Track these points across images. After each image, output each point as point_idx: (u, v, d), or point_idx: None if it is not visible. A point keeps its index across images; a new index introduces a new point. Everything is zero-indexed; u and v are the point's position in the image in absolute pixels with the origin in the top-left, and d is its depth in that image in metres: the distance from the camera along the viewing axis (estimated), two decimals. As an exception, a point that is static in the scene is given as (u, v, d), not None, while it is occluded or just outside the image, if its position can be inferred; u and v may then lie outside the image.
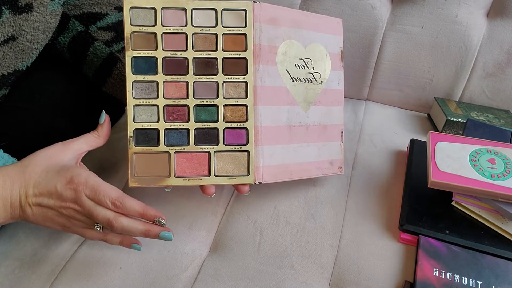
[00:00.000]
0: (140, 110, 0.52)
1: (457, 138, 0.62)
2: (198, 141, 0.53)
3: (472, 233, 0.55)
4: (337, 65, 0.62)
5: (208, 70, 0.53)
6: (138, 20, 0.51)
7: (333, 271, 0.53)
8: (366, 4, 0.81)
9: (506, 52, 0.79)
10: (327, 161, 0.61)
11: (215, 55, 0.53)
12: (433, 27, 0.80)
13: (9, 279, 0.49)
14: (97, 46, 0.66)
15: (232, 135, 0.53)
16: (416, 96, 0.86)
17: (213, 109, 0.53)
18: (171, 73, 0.52)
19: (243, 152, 0.53)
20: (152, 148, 0.52)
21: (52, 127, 0.66)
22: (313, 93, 0.59)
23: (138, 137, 0.52)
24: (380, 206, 0.61)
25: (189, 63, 0.52)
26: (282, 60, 0.56)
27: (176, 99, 0.52)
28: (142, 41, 0.51)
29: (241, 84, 0.53)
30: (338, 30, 0.63)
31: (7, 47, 0.55)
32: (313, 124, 0.59)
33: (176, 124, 0.52)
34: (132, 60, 0.51)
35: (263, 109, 0.54)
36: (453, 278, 0.49)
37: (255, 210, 0.59)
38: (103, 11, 0.68)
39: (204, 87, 0.53)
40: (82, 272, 0.50)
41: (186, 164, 0.52)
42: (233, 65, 0.53)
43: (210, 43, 0.53)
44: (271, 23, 0.55)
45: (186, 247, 0.54)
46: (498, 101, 0.83)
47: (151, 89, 0.52)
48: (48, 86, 0.68)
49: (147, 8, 0.51)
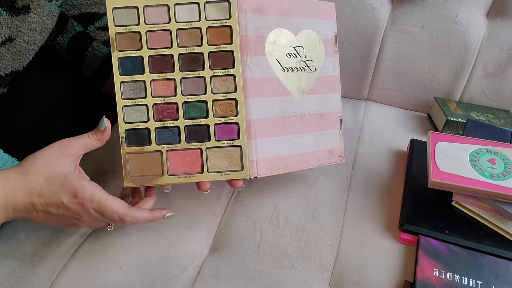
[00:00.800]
0: (130, 111, 0.52)
1: (457, 138, 0.62)
2: (189, 138, 0.52)
3: (472, 233, 0.55)
4: (331, 51, 0.61)
5: (194, 66, 0.52)
6: (122, 20, 0.51)
7: (333, 271, 0.53)
8: (366, 4, 0.81)
9: (506, 52, 0.79)
10: (326, 150, 0.60)
11: (201, 50, 0.52)
12: (433, 27, 0.80)
13: (9, 279, 0.49)
14: (95, 46, 0.66)
15: (223, 130, 0.53)
16: (416, 96, 0.86)
17: (202, 105, 0.52)
18: (158, 71, 0.52)
19: (236, 147, 0.53)
20: (144, 147, 0.52)
21: (52, 127, 0.66)
22: (307, 82, 0.58)
23: (129, 137, 0.52)
24: (380, 206, 0.61)
25: (175, 60, 0.52)
26: (272, 50, 0.55)
27: (165, 97, 0.52)
28: (127, 41, 0.51)
29: (229, 77, 0.52)
30: (331, 14, 0.61)
31: (5, 48, 0.55)
32: (309, 114, 0.58)
33: (166, 122, 0.52)
34: (118, 61, 0.51)
35: (254, 101, 0.53)
36: (453, 278, 0.49)
37: (255, 210, 0.59)
38: (101, 11, 0.68)
39: (191, 83, 0.52)
40: (82, 272, 0.50)
41: (179, 162, 0.52)
42: (220, 59, 0.52)
43: (195, 38, 0.52)
44: (257, 12, 0.54)
45: (186, 247, 0.54)
46: (498, 101, 0.83)
47: (139, 89, 0.52)
48: (47, 86, 0.68)
49: (130, 7, 0.51)
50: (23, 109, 0.64)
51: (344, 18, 0.82)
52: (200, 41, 0.52)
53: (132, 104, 0.51)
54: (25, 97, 0.65)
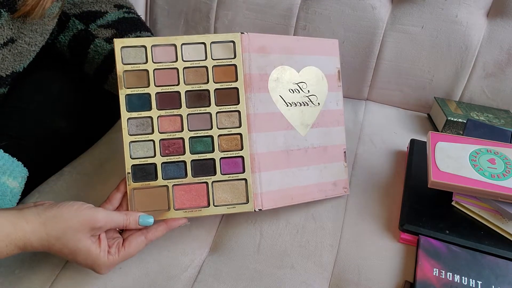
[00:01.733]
0: (137, 146, 0.52)
1: (457, 138, 0.62)
2: (195, 173, 0.53)
3: (472, 233, 0.55)
4: (334, 86, 0.62)
5: (201, 102, 0.54)
6: (130, 58, 0.52)
7: (333, 271, 0.53)
8: (366, 4, 0.81)
9: (506, 52, 0.79)
10: (330, 182, 0.61)
11: (207, 87, 0.54)
12: (433, 27, 0.80)
13: (9, 279, 0.49)
14: (97, 43, 0.66)
15: (229, 164, 0.54)
16: (416, 96, 0.86)
17: (208, 140, 0.54)
18: (165, 108, 0.53)
19: (241, 180, 0.54)
20: (150, 182, 0.52)
21: (52, 127, 0.66)
22: (310, 116, 0.59)
23: (136, 173, 0.52)
24: (380, 206, 0.61)
25: (182, 96, 0.53)
26: (275, 86, 0.57)
27: (171, 132, 0.53)
28: (134, 79, 0.52)
29: (234, 113, 0.54)
30: (334, 51, 0.63)
31: (6, 50, 0.55)
32: (312, 147, 0.59)
33: (172, 157, 0.53)
34: (126, 98, 0.52)
35: (258, 136, 0.55)
36: (453, 278, 0.49)
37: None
38: (102, 9, 0.68)
39: (198, 119, 0.54)
40: (82, 272, 0.50)
41: (185, 196, 0.53)
42: (225, 96, 0.54)
43: (201, 76, 0.54)
44: (261, 51, 0.56)
45: (186, 247, 0.54)
46: (498, 101, 0.83)
47: (146, 125, 0.52)
48: (48, 85, 0.68)
49: (138, 46, 0.52)
50: (24, 109, 0.64)
51: (344, 18, 0.82)
52: (206, 78, 0.54)
53: (139, 140, 0.52)
54: (26, 96, 0.65)
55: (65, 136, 0.67)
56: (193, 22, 0.91)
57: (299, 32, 0.85)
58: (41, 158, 0.63)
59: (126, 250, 0.48)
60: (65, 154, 0.67)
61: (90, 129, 0.72)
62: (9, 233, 0.42)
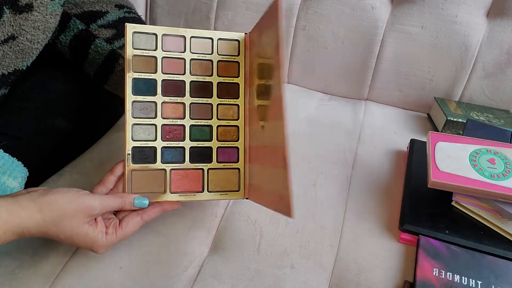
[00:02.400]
0: (139, 129, 0.53)
1: (457, 138, 0.62)
2: (193, 159, 0.55)
3: (472, 233, 0.55)
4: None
5: (203, 93, 0.56)
6: (140, 44, 0.54)
7: (333, 271, 0.53)
8: (366, 4, 0.81)
9: (506, 52, 0.79)
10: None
11: (211, 79, 0.56)
12: (433, 27, 0.80)
13: (9, 279, 0.49)
14: (98, 43, 0.66)
15: (224, 154, 0.56)
16: (416, 96, 0.86)
17: (207, 129, 0.56)
18: (169, 95, 0.55)
19: (235, 169, 0.56)
20: (149, 165, 0.53)
21: (52, 126, 0.66)
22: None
23: (135, 154, 0.53)
24: (380, 206, 0.61)
25: (186, 86, 0.55)
26: None
27: (173, 119, 0.54)
28: (142, 64, 0.54)
29: (234, 106, 0.56)
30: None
31: (7, 47, 0.55)
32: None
33: (172, 142, 0.54)
34: (132, 81, 0.53)
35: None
36: (453, 278, 0.49)
37: (255, 210, 0.59)
38: (103, 9, 0.68)
39: (199, 108, 0.55)
40: (82, 272, 0.50)
41: (181, 180, 0.54)
42: (227, 89, 0.56)
43: (206, 68, 0.56)
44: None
45: (186, 247, 0.54)
46: (498, 101, 0.83)
47: (149, 109, 0.54)
48: (48, 85, 0.68)
49: (149, 33, 0.54)
50: (24, 109, 0.64)
51: (344, 18, 0.82)
52: (210, 71, 0.56)
53: (141, 123, 0.54)
54: (26, 96, 0.65)
55: (65, 136, 0.67)
56: (193, 22, 0.91)
57: (299, 32, 0.85)
58: (41, 158, 0.63)
59: (123, 230, 0.49)
60: (65, 154, 0.67)
61: (90, 129, 0.72)
62: (6, 219, 0.42)
